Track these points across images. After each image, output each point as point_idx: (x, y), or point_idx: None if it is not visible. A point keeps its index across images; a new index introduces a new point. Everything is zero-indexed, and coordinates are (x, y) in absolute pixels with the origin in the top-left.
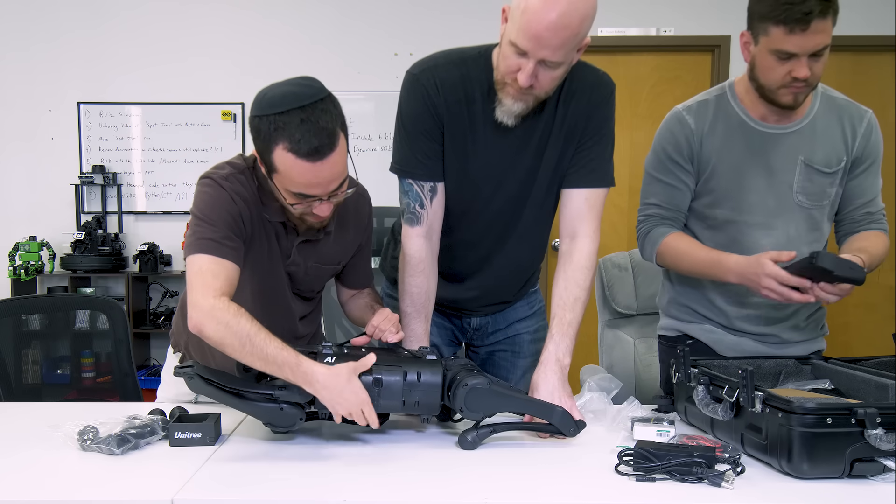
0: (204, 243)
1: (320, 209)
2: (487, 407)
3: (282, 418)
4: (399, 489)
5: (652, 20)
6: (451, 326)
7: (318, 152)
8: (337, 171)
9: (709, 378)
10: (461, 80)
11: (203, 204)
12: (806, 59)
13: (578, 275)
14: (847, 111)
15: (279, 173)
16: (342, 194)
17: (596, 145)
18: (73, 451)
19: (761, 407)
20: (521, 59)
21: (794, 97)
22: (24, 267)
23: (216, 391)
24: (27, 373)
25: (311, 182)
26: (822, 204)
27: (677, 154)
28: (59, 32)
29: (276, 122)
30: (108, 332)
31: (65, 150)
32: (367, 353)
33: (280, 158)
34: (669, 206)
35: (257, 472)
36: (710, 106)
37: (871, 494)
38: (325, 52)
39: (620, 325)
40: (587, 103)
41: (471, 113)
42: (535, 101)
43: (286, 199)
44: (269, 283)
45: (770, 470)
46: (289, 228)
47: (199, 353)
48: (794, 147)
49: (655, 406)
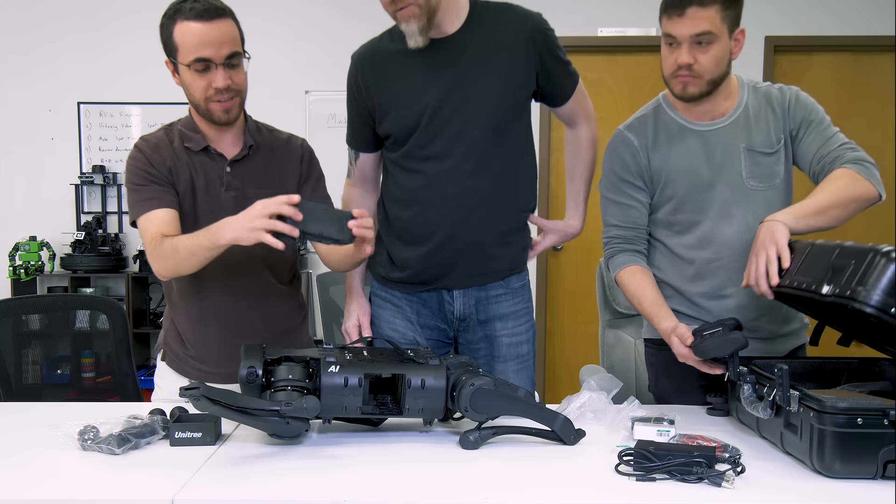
0: (137, 207)
1: (217, 79)
2: (491, 409)
3: (287, 430)
4: (399, 489)
5: (652, 20)
6: (440, 326)
7: (206, 12)
8: (226, 34)
9: (755, 377)
10: (383, 44)
11: (128, 174)
12: (688, 47)
13: (584, 154)
14: (771, 94)
15: (180, 50)
16: (238, 76)
17: (558, 66)
18: (73, 451)
19: (797, 406)
20: None
21: (683, 86)
22: (24, 267)
23: (223, 409)
24: (27, 373)
25: (204, 40)
26: (773, 184)
27: (626, 173)
28: (60, 33)
29: (175, 8)
30: (108, 332)
31: (65, 150)
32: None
33: (178, 31)
34: (627, 225)
35: (257, 472)
36: (649, 119)
37: (873, 494)
38: (325, 52)
39: (621, 325)
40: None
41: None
42: (421, 10)
43: (190, 84)
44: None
45: (770, 470)
46: (212, 153)
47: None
48: (733, 136)
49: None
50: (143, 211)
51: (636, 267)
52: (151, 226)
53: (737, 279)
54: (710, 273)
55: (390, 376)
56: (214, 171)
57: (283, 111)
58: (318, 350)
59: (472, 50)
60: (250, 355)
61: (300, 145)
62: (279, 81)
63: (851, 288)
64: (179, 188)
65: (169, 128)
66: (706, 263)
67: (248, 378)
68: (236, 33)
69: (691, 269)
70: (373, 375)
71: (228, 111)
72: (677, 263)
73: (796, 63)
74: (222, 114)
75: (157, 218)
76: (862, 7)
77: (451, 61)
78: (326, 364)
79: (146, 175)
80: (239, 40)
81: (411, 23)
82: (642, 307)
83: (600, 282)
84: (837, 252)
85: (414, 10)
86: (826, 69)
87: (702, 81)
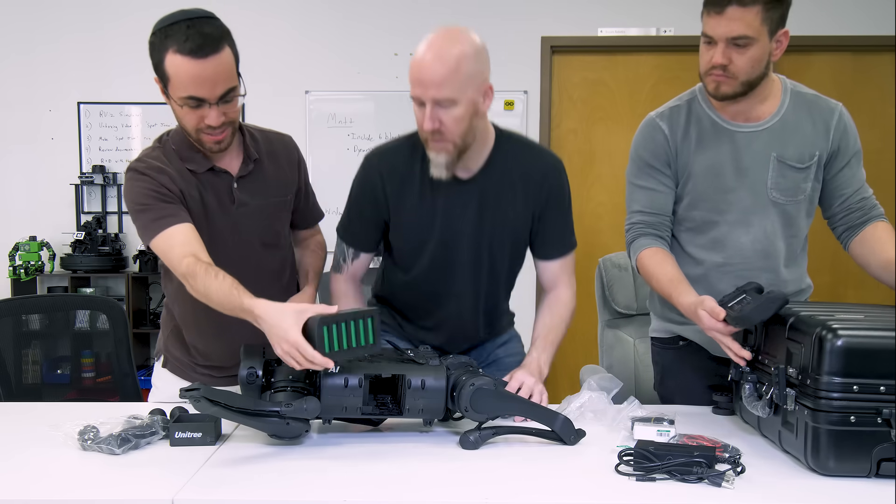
0: (152, 227)
1: (210, 117)
2: (491, 409)
3: (287, 431)
4: (399, 489)
5: (652, 20)
6: None
7: (200, 49)
8: (221, 72)
9: (756, 376)
10: (407, 157)
11: (132, 196)
12: (724, 47)
13: (562, 310)
14: (816, 106)
15: (171, 81)
16: (233, 110)
17: (560, 217)
18: (73, 451)
19: (793, 404)
20: (421, 108)
21: (716, 85)
22: (24, 267)
23: (223, 410)
24: (27, 373)
25: (196, 80)
26: (797, 199)
27: (654, 159)
28: (60, 33)
29: (166, 32)
30: (108, 332)
31: (65, 150)
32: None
33: (169, 62)
34: (653, 211)
35: (257, 472)
36: (682, 111)
37: (873, 494)
38: (325, 52)
39: (620, 325)
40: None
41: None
42: (455, 148)
43: (181, 114)
44: (231, 234)
45: (770, 470)
46: (218, 171)
47: (180, 349)
48: (766, 144)
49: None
50: (160, 229)
51: (657, 248)
52: (177, 246)
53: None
54: (717, 277)
55: (390, 377)
56: (222, 188)
57: (283, 111)
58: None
59: (489, 191)
60: (250, 356)
61: (294, 146)
62: (279, 81)
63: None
64: (192, 208)
65: (161, 147)
66: (716, 267)
67: (249, 379)
68: (232, 65)
69: (698, 270)
70: (373, 376)
71: (220, 143)
72: (685, 261)
73: (796, 63)
74: (214, 145)
75: (179, 236)
76: (862, 7)
77: (466, 198)
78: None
79: (155, 194)
80: (234, 72)
81: (441, 155)
82: (660, 285)
83: (599, 282)
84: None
85: (448, 146)
86: (826, 69)
87: (736, 82)
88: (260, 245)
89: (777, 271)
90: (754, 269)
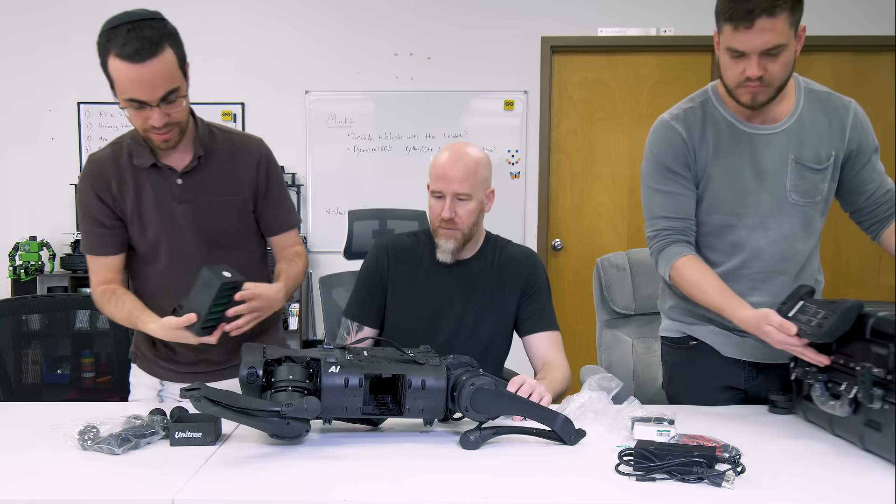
0: (84, 245)
1: (153, 118)
2: (492, 408)
3: (288, 431)
4: (399, 489)
5: (652, 20)
6: None
7: (138, 54)
8: (160, 74)
9: (826, 375)
10: (409, 244)
11: (78, 197)
12: (757, 58)
13: (557, 374)
14: (830, 104)
15: (115, 84)
16: (176, 110)
17: (541, 298)
18: (73, 451)
19: (880, 403)
20: (438, 201)
21: (752, 97)
22: (24, 267)
23: (223, 410)
24: (27, 373)
25: (136, 83)
26: (815, 200)
27: (673, 163)
28: (60, 33)
29: (108, 35)
30: (108, 332)
31: (65, 150)
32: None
33: (111, 66)
34: (678, 216)
35: (257, 472)
36: (697, 112)
37: (874, 494)
38: (326, 52)
39: (619, 325)
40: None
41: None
42: (463, 237)
43: (129, 115)
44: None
45: (770, 470)
46: (161, 167)
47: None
48: (784, 146)
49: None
50: (89, 252)
51: (693, 256)
52: (97, 271)
53: (760, 288)
54: (734, 280)
55: (391, 376)
56: (164, 185)
57: (283, 111)
58: (319, 350)
59: (481, 278)
60: (251, 355)
61: (258, 148)
62: (279, 81)
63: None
64: (126, 208)
65: (118, 144)
66: (733, 270)
67: (249, 378)
68: (174, 67)
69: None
70: (373, 376)
71: (167, 141)
72: None
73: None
74: (162, 143)
75: (99, 264)
76: (862, 7)
77: (461, 284)
78: (327, 364)
79: (89, 218)
80: (176, 73)
81: (450, 242)
82: (708, 298)
83: (598, 282)
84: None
85: (458, 234)
86: (826, 69)
87: (771, 89)
88: (206, 242)
89: (793, 273)
90: (770, 271)
